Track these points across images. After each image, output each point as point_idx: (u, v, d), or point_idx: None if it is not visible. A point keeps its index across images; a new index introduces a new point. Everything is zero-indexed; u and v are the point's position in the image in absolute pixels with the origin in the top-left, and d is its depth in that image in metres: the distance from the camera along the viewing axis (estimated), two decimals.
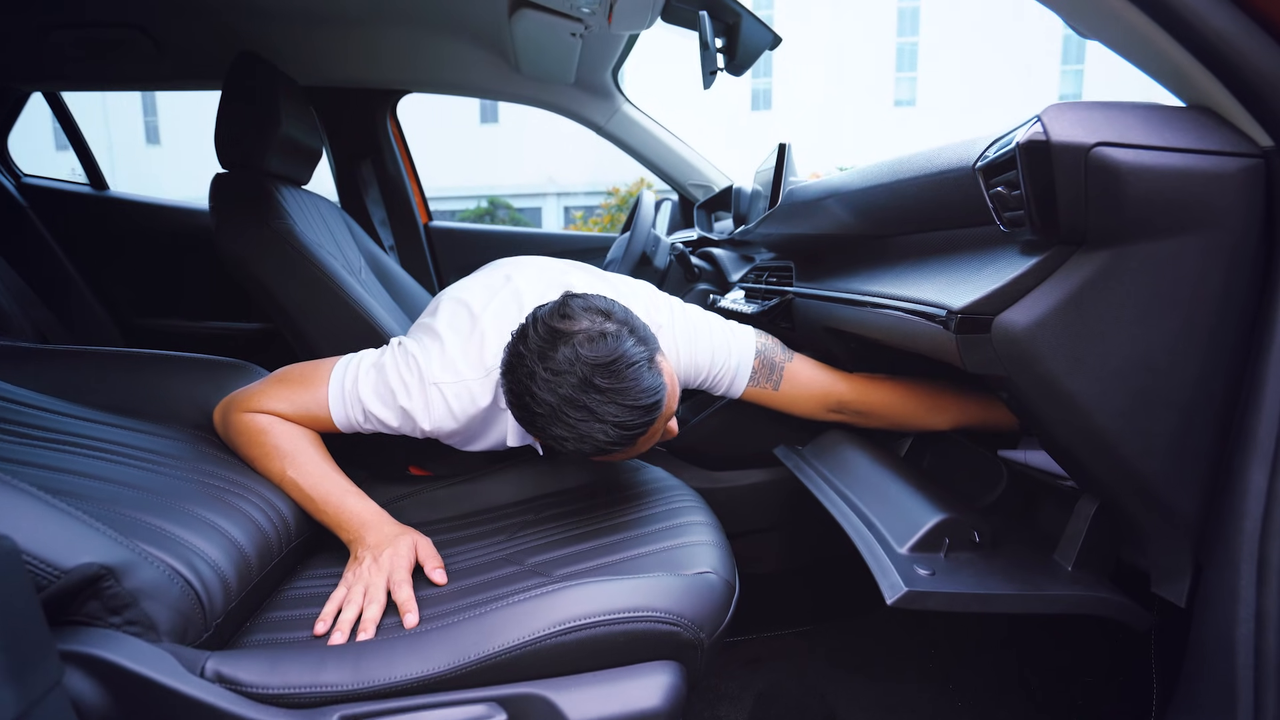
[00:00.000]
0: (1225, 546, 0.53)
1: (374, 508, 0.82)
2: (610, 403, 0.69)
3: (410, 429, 0.87)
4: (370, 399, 0.86)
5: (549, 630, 0.58)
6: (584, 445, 0.72)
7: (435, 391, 0.85)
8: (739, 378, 0.97)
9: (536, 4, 1.23)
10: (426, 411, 0.85)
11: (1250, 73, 0.47)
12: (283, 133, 1.31)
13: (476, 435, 0.92)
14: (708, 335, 0.96)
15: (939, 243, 0.75)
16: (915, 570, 0.61)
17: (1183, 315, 0.52)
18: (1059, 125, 0.46)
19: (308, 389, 0.88)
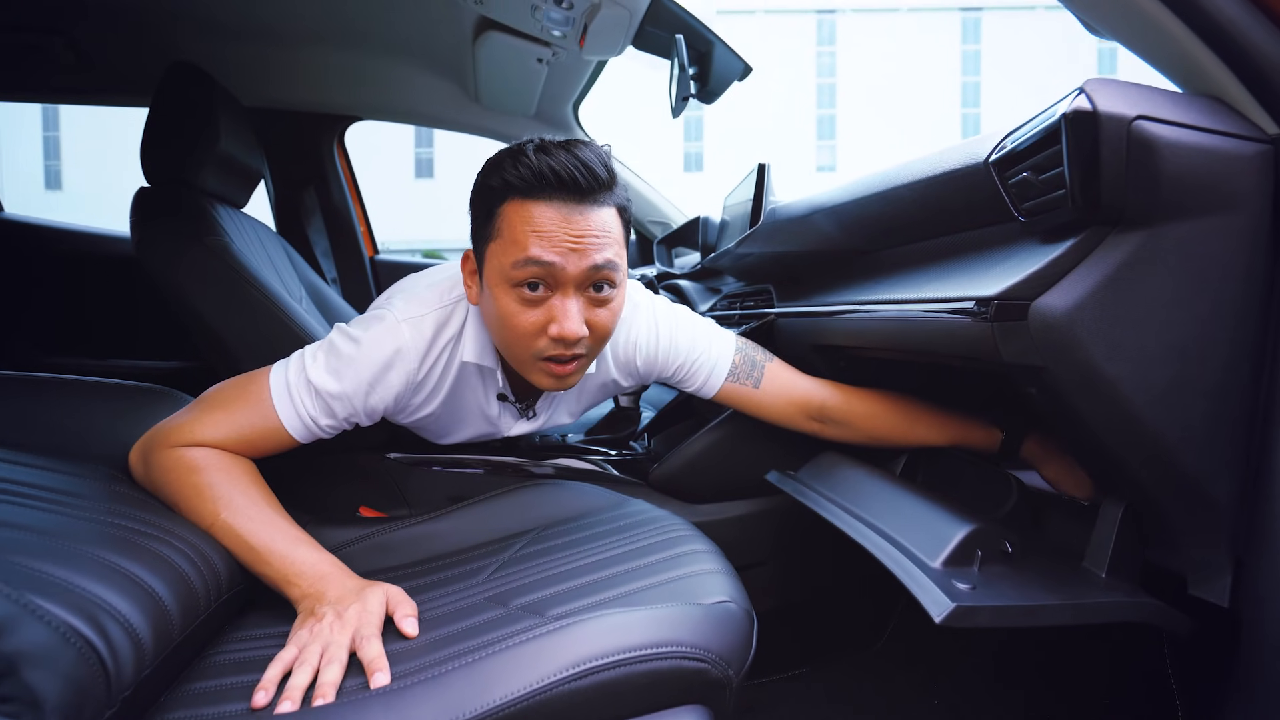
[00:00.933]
0: (1271, 535, 0.52)
1: (332, 559, 0.71)
2: (565, 151, 0.73)
3: (383, 400, 0.81)
4: (327, 380, 0.77)
5: (561, 675, 0.49)
6: (519, 176, 0.72)
7: (406, 328, 0.79)
8: (717, 370, 0.93)
9: (505, 26, 1.21)
10: (397, 356, 0.79)
11: (1260, 59, 0.48)
12: (221, 149, 1.21)
13: (447, 371, 0.87)
14: (689, 322, 0.95)
15: (941, 248, 0.74)
16: (955, 585, 0.57)
17: (1211, 299, 0.51)
18: (1103, 96, 0.45)
19: (247, 403, 0.76)
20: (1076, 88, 0.47)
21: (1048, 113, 0.50)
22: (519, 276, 0.73)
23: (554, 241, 0.72)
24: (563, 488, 1.01)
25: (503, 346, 0.81)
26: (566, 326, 0.74)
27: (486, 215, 0.76)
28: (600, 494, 1.02)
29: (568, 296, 0.75)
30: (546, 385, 0.81)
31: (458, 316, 0.85)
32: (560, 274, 0.73)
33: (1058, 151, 0.48)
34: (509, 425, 0.98)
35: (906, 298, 0.66)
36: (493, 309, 0.77)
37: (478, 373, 0.89)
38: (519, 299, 0.75)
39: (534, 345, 0.77)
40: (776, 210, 0.99)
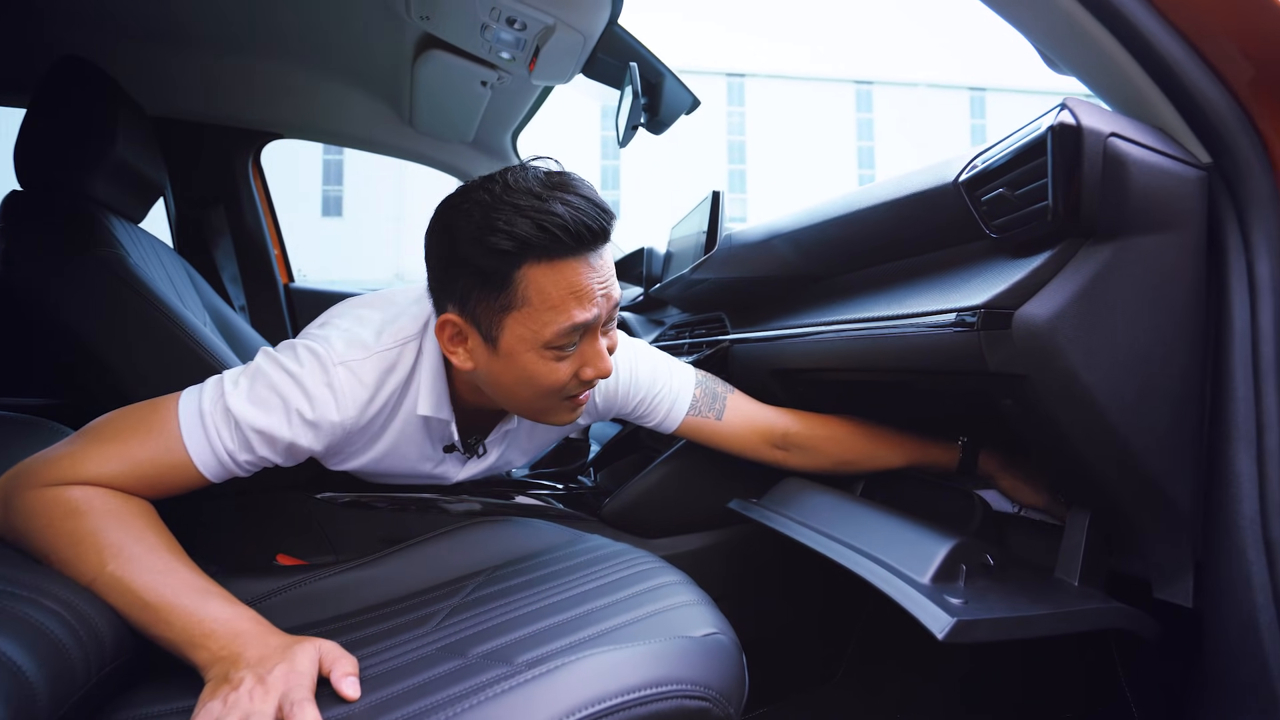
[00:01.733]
0: (1228, 536, 0.54)
1: (251, 614, 0.60)
2: (569, 193, 0.66)
3: (311, 444, 0.70)
4: (250, 411, 0.67)
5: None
6: (541, 235, 0.63)
7: (343, 371, 0.70)
8: (679, 404, 0.90)
9: (449, 45, 1.17)
10: (333, 399, 0.69)
11: (1198, 96, 0.53)
12: (118, 154, 1.08)
13: (390, 420, 0.78)
14: (648, 355, 0.91)
15: (902, 270, 0.76)
16: (948, 600, 0.55)
17: (1167, 310, 0.54)
18: (1083, 113, 0.48)
19: (148, 434, 0.65)
20: (1058, 104, 0.49)
21: (1027, 129, 0.52)
22: (564, 343, 0.68)
23: (589, 298, 0.68)
24: (511, 524, 0.93)
25: (523, 401, 0.75)
26: (604, 367, 0.72)
27: (497, 282, 0.66)
28: (552, 530, 0.95)
29: (596, 339, 0.72)
30: (568, 420, 0.78)
31: (405, 361, 0.76)
32: (594, 323, 0.70)
33: (1038, 165, 0.51)
34: (455, 471, 0.89)
35: (881, 315, 0.66)
36: (517, 374, 0.71)
37: (425, 423, 0.81)
38: (556, 358, 0.70)
39: (565, 393, 0.73)
40: (732, 236, 1.00)
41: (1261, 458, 0.53)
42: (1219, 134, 0.54)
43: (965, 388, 0.67)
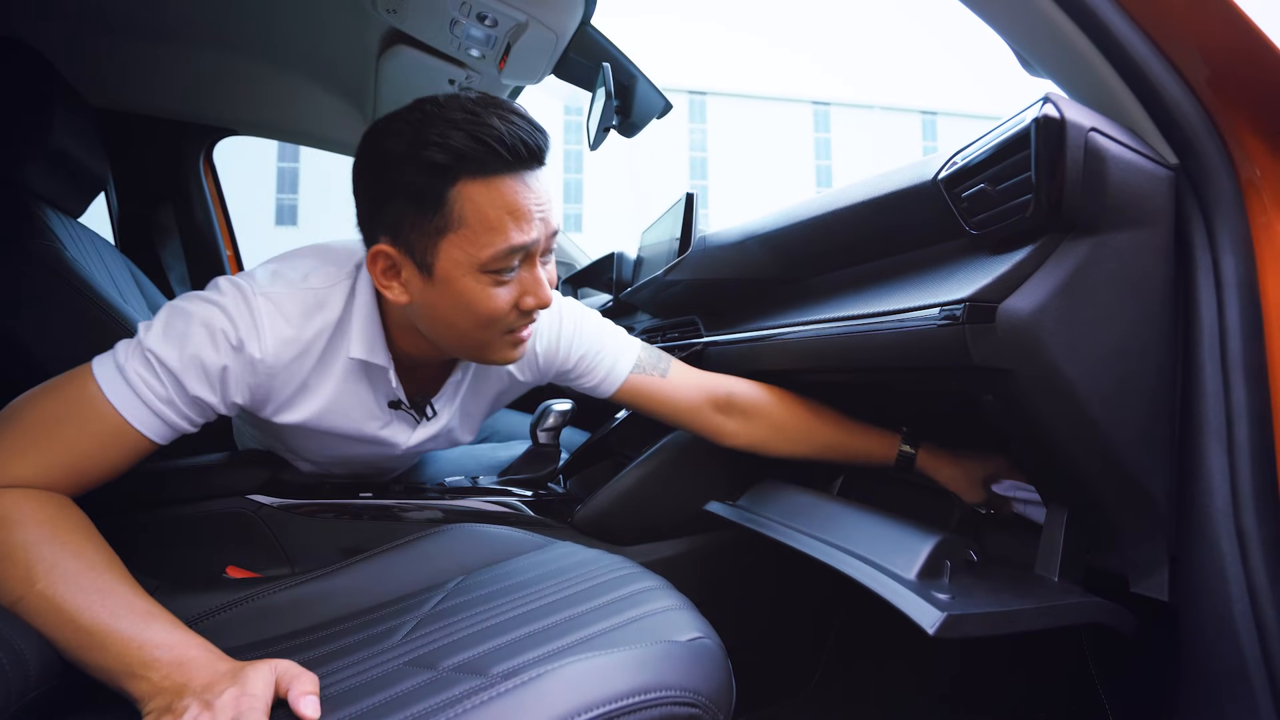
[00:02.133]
0: (1201, 529, 0.55)
1: (200, 641, 0.55)
2: (504, 110, 0.64)
3: (241, 379, 0.67)
4: (167, 348, 0.63)
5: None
6: (477, 147, 0.61)
7: (265, 303, 0.67)
8: (622, 362, 0.89)
9: (417, 41, 1.14)
10: (254, 329, 0.67)
11: (1167, 99, 0.55)
12: (55, 143, 1.01)
13: (326, 368, 0.74)
14: (593, 315, 0.91)
15: (879, 271, 0.76)
16: (935, 596, 0.55)
17: (1141, 305, 0.55)
18: (1065, 107, 0.48)
19: (69, 412, 0.60)
20: (1041, 98, 0.50)
21: (1008, 125, 0.53)
22: (501, 265, 0.66)
23: (527, 219, 0.66)
24: (478, 532, 0.89)
25: (462, 335, 0.72)
26: (544, 295, 0.70)
27: (432, 203, 0.64)
28: (522, 536, 0.91)
29: (535, 266, 0.70)
30: (511, 358, 0.75)
31: (334, 302, 0.73)
32: (533, 248, 0.68)
33: (1020, 160, 0.51)
34: (404, 436, 0.85)
35: (862, 313, 0.66)
36: (453, 301, 0.68)
37: (364, 373, 0.77)
38: (494, 283, 0.68)
39: (504, 324, 0.71)
40: (706, 238, 0.99)
41: (1232, 451, 0.54)
42: (1185, 135, 0.56)
43: (944, 385, 0.67)
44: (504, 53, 1.10)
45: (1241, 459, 0.54)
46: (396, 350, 0.78)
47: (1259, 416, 0.54)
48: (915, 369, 0.64)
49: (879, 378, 0.75)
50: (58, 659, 0.54)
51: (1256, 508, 0.52)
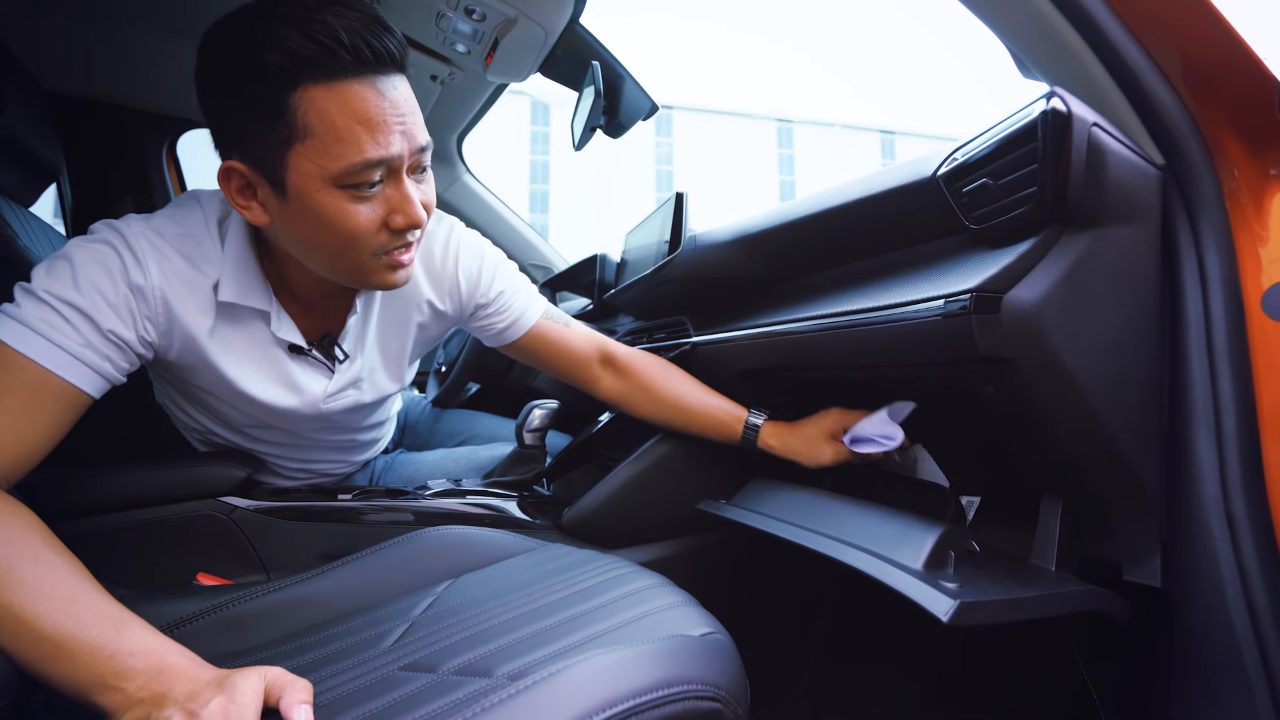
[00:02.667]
0: (1192, 515, 0.57)
1: (176, 647, 0.51)
2: (344, 7, 0.59)
3: (143, 313, 0.66)
4: (63, 287, 0.61)
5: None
6: (311, 45, 0.57)
7: (140, 238, 0.67)
8: (533, 307, 0.92)
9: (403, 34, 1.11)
10: (137, 260, 0.65)
11: (1157, 102, 0.57)
12: (4, 126, 0.95)
13: (216, 318, 0.72)
14: (501, 253, 0.92)
15: (873, 269, 0.77)
16: (944, 585, 0.55)
17: (1136, 298, 0.57)
18: (1071, 101, 0.50)
19: None
20: (1046, 91, 0.51)
21: (1012, 120, 0.54)
22: (357, 180, 0.62)
23: (382, 130, 0.61)
24: (464, 535, 0.87)
25: (331, 257, 0.68)
26: (413, 214, 0.66)
27: (274, 110, 0.58)
28: (509, 540, 0.89)
29: (402, 183, 0.65)
30: (391, 282, 0.71)
31: (209, 238, 0.70)
32: (395, 163, 0.63)
33: (1026, 153, 0.52)
34: (319, 385, 0.81)
35: (867, 307, 0.66)
36: (313, 220, 0.63)
37: (265, 326, 0.75)
38: (352, 199, 0.63)
39: (373, 244, 0.66)
40: (697, 237, 0.99)
41: (1220, 440, 0.56)
42: (1172, 136, 0.58)
43: (941, 379, 0.68)
44: (491, 48, 1.08)
45: (1230, 447, 0.55)
46: (288, 287, 0.76)
47: (1244, 406, 0.56)
48: (916, 363, 0.65)
49: (875, 374, 0.75)
50: (15, 675, 0.49)
51: (1245, 494, 0.54)
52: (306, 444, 0.90)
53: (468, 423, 1.33)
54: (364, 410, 0.90)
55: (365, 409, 0.90)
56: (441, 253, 0.84)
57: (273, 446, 0.88)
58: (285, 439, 0.87)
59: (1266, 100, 0.57)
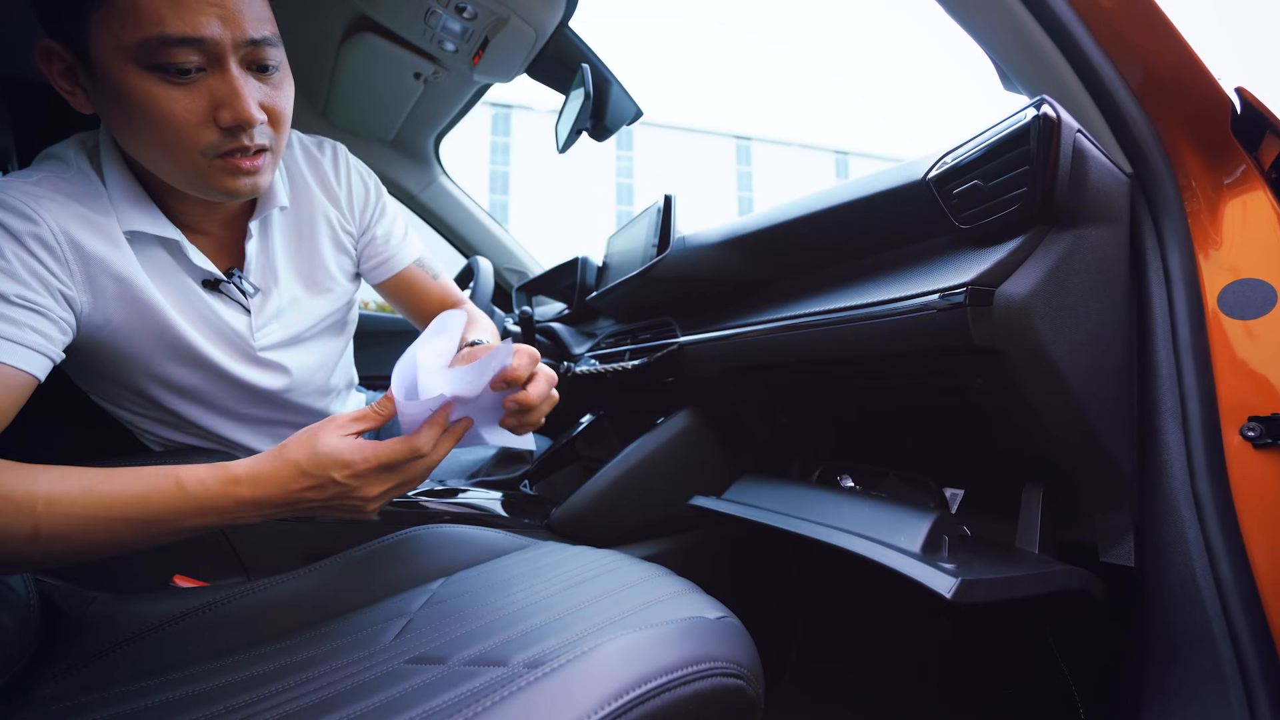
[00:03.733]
0: (1162, 497, 0.61)
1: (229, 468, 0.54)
2: None
3: (45, 270, 0.60)
4: None
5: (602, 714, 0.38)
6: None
7: (15, 190, 0.61)
8: (410, 247, 0.91)
9: (385, 30, 1.11)
10: (22, 214, 0.60)
11: (1126, 115, 0.62)
12: None
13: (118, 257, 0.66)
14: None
15: (860, 269, 0.80)
16: (943, 566, 0.57)
17: (1111, 295, 0.62)
18: (1059, 109, 0.53)
19: None
20: (1036, 98, 0.55)
21: (1002, 126, 0.57)
22: (163, 60, 0.55)
23: (190, 5, 0.54)
24: (453, 533, 0.85)
25: (158, 152, 0.61)
26: (242, 109, 0.58)
27: None
28: (501, 538, 0.88)
29: (227, 72, 0.58)
30: (233, 188, 0.63)
31: (79, 162, 0.65)
32: (214, 49, 0.56)
33: (1017, 156, 0.56)
34: (243, 321, 0.76)
35: (863, 302, 0.69)
36: (123, 105, 0.57)
37: (163, 250, 0.69)
38: (163, 82, 0.56)
39: (200, 140, 0.59)
40: (686, 239, 1.01)
41: (1186, 427, 0.60)
42: (1139, 146, 0.63)
43: (931, 373, 0.71)
44: (480, 47, 1.08)
45: (1195, 434, 0.60)
46: (175, 215, 0.70)
47: (1207, 396, 0.60)
48: (908, 355, 0.68)
49: (864, 370, 0.78)
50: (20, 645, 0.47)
51: (1210, 476, 0.59)
52: (270, 421, 0.85)
53: None
54: (306, 347, 0.85)
55: (307, 346, 0.85)
56: (333, 170, 0.83)
57: (239, 429, 0.84)
58: (249, 408, 0.83)
59: (1220, 117, 0.63)
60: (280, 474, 0.53)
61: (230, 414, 0.82)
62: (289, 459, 0.53)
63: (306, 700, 0.50)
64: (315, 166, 0.83)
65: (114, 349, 0.70)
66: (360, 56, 1.18)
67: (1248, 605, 0.54)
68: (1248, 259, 0.61)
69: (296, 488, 0.53)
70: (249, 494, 0.52)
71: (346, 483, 0.53)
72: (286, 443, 0.55)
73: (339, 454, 0.53)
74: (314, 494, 0.53)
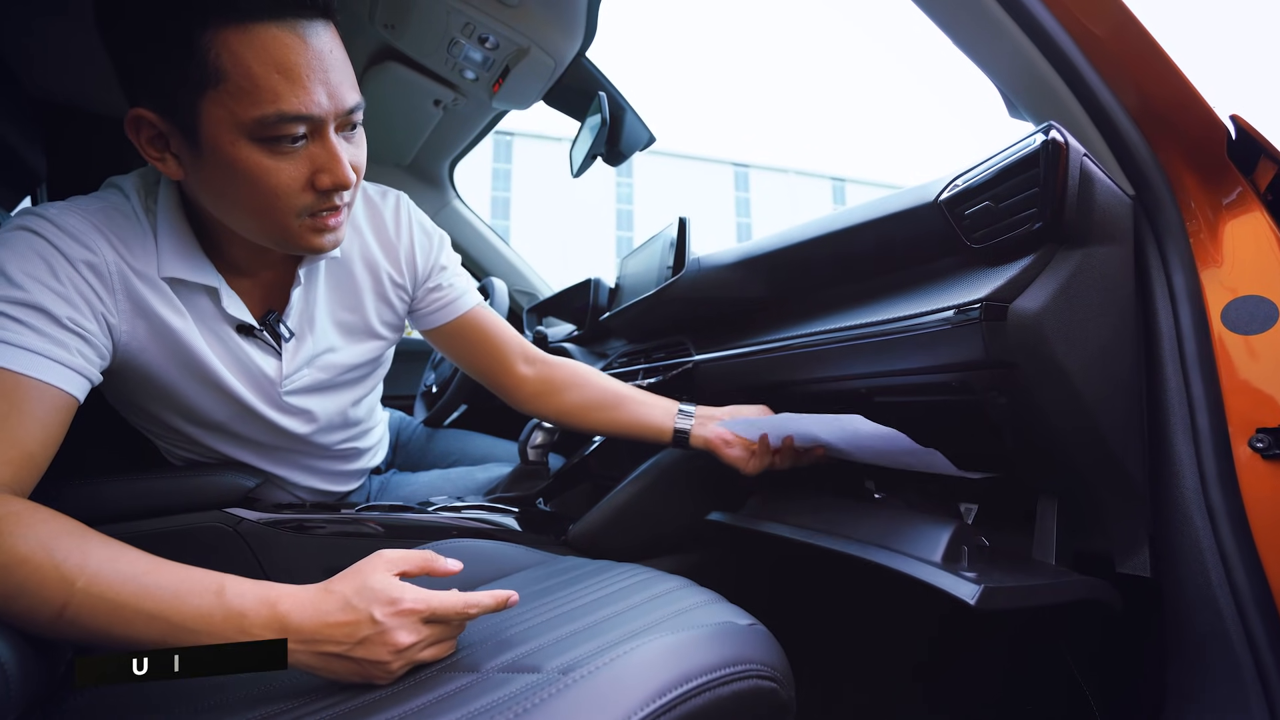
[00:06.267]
0: (1176, 508, 0.62)
1: (273, 588, 0.53)
2: None
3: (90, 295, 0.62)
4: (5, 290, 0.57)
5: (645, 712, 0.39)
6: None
7: (67, 217, 0.62)
8: (470, 293, 0.92)
9: (408, 59, 1.15)
10: (72, 239, 0.61)
11: (1127, 139, 0.65)
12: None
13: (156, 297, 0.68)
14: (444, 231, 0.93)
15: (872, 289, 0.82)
16: (965, 575, 0.58)
17: (1118, 310, 0.64)
18: (1065, 134, 0.56)
19: None
20: (1044, 124, 0.58)
21: (1012, 150, 0.60)
22: (275, 134, 0.58)
23: (302, 81, 0.57)
24: (474, 547, 0.87)
25: (252, 216, 0.64)
26: (341, 174, 0.62)
27: (184, 49, 0.54)
28: (520, 553, 0.89)
29: (328, 140, 0.61)
30: (319, 245, 0.67)
31: (131, 206, 0.67)
32: (319, 121, 0.60)
33: (1028, 178, 0.59)
34: (270, 366, 0.77)
35: (874, 320, 0.71)
36: (230, 174, 0.60)
37: (212, 304, 0.71)
38: (272, 153, 0.59)
39: (297, 204, 0.62)
40: (700, 260, 1.04)
41: (1196, 437, 0.62)
42: (1140, 170, 0.66)
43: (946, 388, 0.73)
44: (500, 76, 1.12)
45: (1205, 444, 0.62)
46: (226, 259, 0.72)
47: (1215, 407, 0.62)
48: (923, 371, 0.70)
49: (880, 387, 0.80)
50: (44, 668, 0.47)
51: (1221, 486, 0.60)
52: (292, 444, 0.86)
53: (460, 442, 1.32)
54: (331, 395, 0.86)
55: (332, 394, 0.86)
56: (394, 223, 0.83)
57: (264, 460, 0.86)
58: (272, 440, 0.84)
59: (1216, 142, 0.66)
60: (321, 604, 0.51)
61: (254, 446, 0.84)
62: (335, 590, 0.52)
63: (342, 708, 0.51)
64: (375, 216, 0.83)
65: (145, 378, 0.71)
66: (382, 84, 1.22)
67: (1264, 611, 0.55)
68: (1248, 277, 0.63)
69: (332, 620, 0.50)
70: (281, 613, 0.50)
71: (384, 621, 0.50)
72: (333, 579, 0.54)
73: (389, 590, 0.52)
74: (344, 632, 0.50)
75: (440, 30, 1.04)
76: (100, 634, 0.47)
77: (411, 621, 0.52)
